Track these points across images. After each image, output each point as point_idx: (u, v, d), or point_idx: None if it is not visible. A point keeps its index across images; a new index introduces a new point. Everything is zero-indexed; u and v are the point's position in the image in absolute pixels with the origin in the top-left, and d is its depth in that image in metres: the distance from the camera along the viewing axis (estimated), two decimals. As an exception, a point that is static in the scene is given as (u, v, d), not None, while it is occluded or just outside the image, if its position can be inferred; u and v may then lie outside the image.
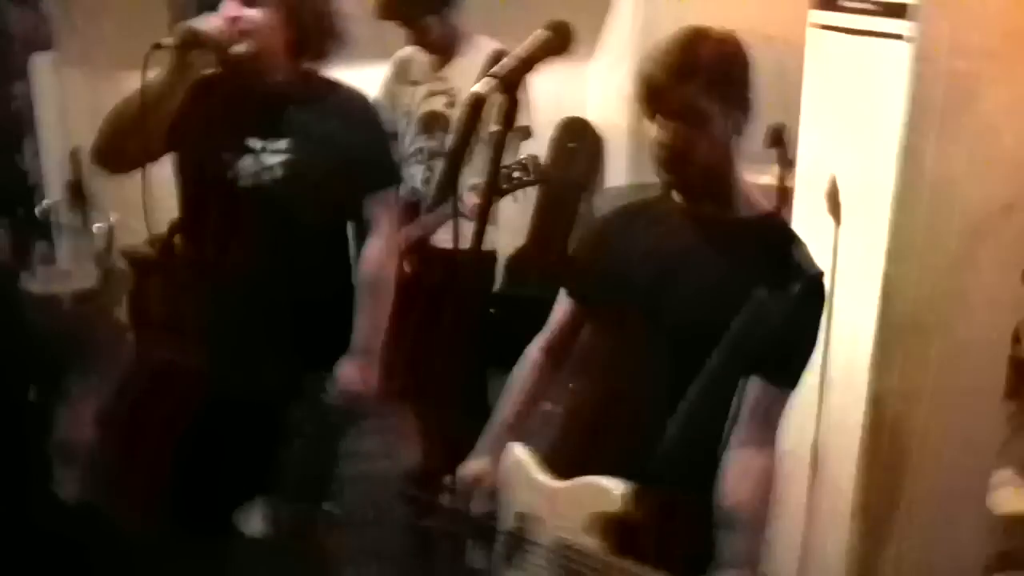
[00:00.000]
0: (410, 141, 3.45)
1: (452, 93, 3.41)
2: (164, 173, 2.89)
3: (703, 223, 1.93)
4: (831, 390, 2.65)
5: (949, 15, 2.26)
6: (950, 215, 2.42)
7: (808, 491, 2.75)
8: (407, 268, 3.32)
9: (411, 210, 3.39)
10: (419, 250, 3.34)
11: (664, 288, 1.92)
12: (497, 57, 3.35)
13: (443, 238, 3.36)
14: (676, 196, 1.97)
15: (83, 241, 0.97)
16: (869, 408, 2.53)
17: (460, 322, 2.18)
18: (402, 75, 3.51)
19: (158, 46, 2.21)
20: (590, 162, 4.92)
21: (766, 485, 1.83)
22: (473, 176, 3.31)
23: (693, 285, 1.90)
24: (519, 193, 3.15)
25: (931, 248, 2.44)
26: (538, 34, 1.61)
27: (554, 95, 4.60)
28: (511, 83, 1.53)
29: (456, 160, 3.37)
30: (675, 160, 1.85)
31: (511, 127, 1.56)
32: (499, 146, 1.60)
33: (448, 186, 3.37)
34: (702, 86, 1.80)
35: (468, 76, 3.31)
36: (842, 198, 2.58)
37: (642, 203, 2.10)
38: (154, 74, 2.29)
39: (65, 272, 0.93)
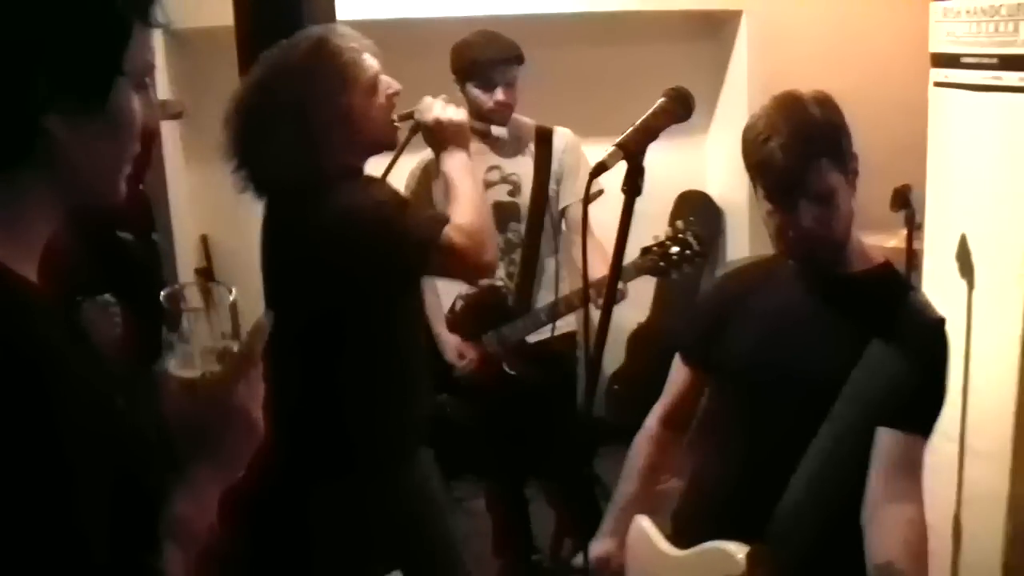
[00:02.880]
0: None
1: (513, 180, 3.30)
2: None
3: (818, 281, 1.92)
4: (972, 461, 2.52)
5: None
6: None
7: (950, 570, 2.60)
8: (509, 371, 3.23)
9: (499, 305, 3.29)
10: (518, 352, 3.24)
11: (782, 348, 1.90)
12: (541, 133, 3.32)
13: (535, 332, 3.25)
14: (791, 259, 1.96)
15: (212, 321, 1.00)
16: (1014, 479, 2.39)
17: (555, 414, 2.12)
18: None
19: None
20: (710, 236, 4.86)
21: (919, 537, 1.75)
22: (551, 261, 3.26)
23: (811, 342, 1.88)
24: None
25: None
26: (660, 102, 1.61)
27: (672, 168, 4.60)
28: (635, 152, 1.53)
29: (533, 251, 3.27)
30: (804, 240, 1.83)
31: (638, 193, 1.55)
32: (627, 215, 1.58)
33: (531, 278, 3.27)
34: (820, 159, 1.78)
35: (518, 158, 3.29)
36: (974, 259, 2.48)
37: (755, 264, 2.10)
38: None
39: (194, 355, 0.95)
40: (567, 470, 3.26)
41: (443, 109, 2.23)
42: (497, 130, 3.26)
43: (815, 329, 1.89)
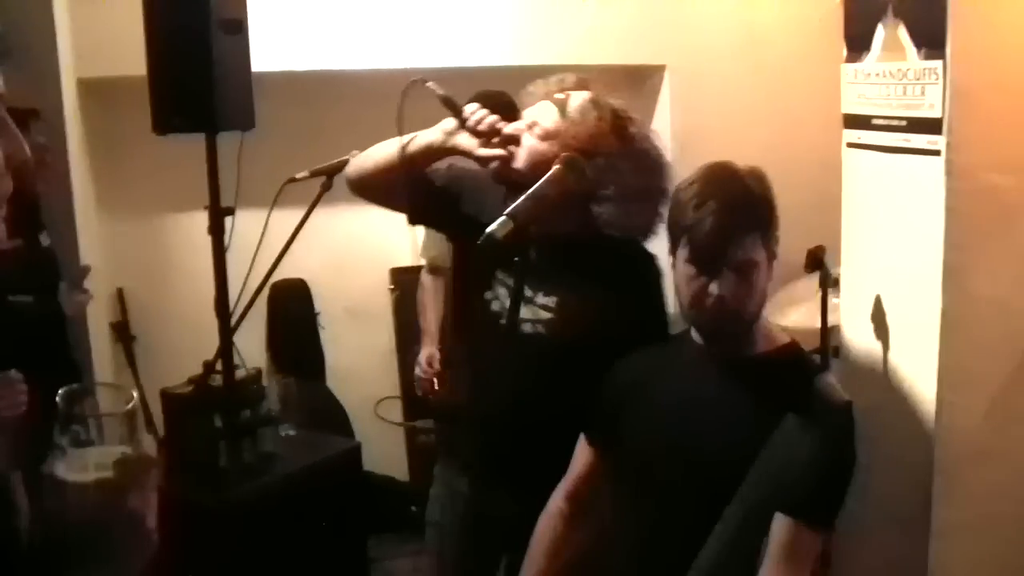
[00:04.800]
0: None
1: None
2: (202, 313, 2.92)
3: (723, 362, 1.92)
4: (891, 527, 2.50)
5: (981, 129, 2.19)
6: (1003, 335, 2.31)
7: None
8: None
9: None
10: None
11: (682, 431, 1.89)
12: None
13: None
14: (696, 336, 1.95)
15: (109, 426, 0.94)
16: (935, 543, 2.37)
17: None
18: None
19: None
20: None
21: None
22: None
23: (713, 426, 1.86)
24: None
25: (985, 371, 2.32)
26: (553, 170, 1.59)
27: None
28: (525, 221, 1.50)
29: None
30: (719, 310, 1.83)
31: (529, 266, 1.51)
32: (519, 288, 1.56)
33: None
34: (752, 233, 1.82)
35: None
36: (889, 320, 2.48)
37: (656, 346, 2.10)
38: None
39: (91, 457, 0.90)
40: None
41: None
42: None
43: (718, 412, 1.87)
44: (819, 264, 2.72)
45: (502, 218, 1.49)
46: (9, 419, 2.37)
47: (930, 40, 2.19)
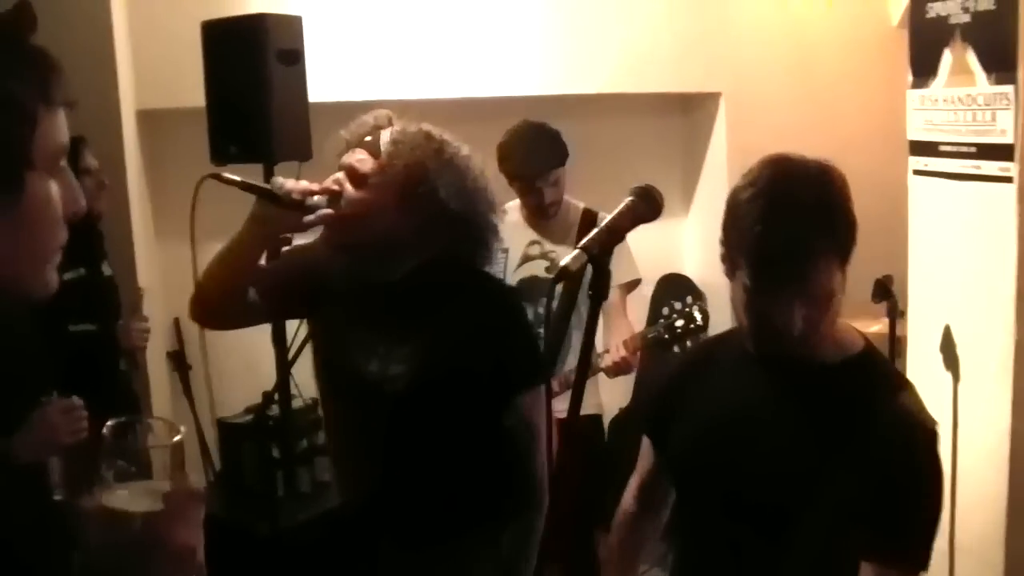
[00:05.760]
0: None
1: (552, 257, 3.33)
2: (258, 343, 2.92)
3: (784, 370, 1.64)
4: (962, 559, 2.43)
5: None
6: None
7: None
8: None
9: None
10: None
11: (724, 447, 1.67)
12: (586, 217, 3.34)
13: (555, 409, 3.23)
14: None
15: (159, 456, 0.92)
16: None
17: (573, 489, 1.98)
18: None
19: (216, 177, 2.05)
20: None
21: None
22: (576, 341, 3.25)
23: (762, 444, 1.63)
24: None
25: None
26: (626, 201, 1.54)
27: (651, 251, 4.55)
28: (599, 254, 1.45)
29: (562, 327, 3.26)
30: (783, 335, 1.57)
31: (604, 297, 1.48)
32: (593, 319, 1.51)
33: (556, 353, 3.24)
34: (824, 256, 1.53)
35: (562, 238, 3.30)
36: (959, 350, 2.42)
37: (718, 343, 1.85)
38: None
39: (138, 491, 0.88)
40: (574, 550, 3.32)
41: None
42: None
43: (769, 429, 1.63)
44: (888, 294, 2.66)
45: (576, 251, 1.44)
46: (70, 446, 2.39)
47: (1000, 64, 2.15)
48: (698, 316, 3.08)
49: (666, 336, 3.08)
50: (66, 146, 1.00)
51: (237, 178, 2.06)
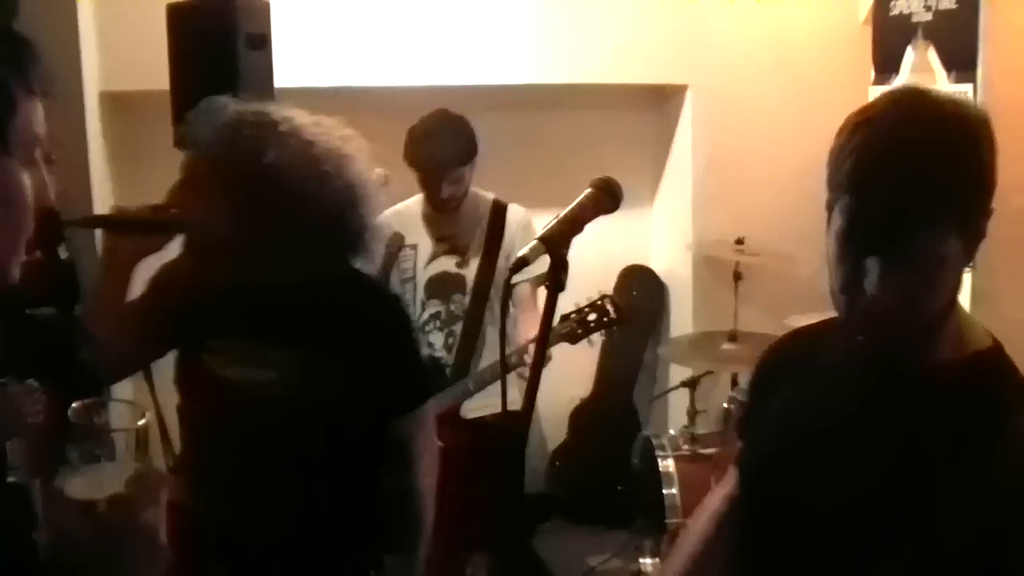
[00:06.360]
0: (421, 307, 3.31)
1: (462, 251, 3.29)
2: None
3: (883, 368, 1.38)
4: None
5: (1011, 152, 2.10)
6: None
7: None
8: (439, 442, 3.20)
9: (435, 376, 3.24)
10: (450, 422, 3.16)
11: (807, 454, 1.43)
12: (496, 208, 3.30)
13: (470, 407, 3.22)
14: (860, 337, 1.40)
15: (124, 439, 0.92)
16: None
17: (501, 489, 1.94)
18: (394, 238, 3.21)
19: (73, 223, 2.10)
20: (653, 311, 4.85)
21: None
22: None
23: (855, 454, 1.37)
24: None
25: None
26: (587, 193, 1.53)
27: (616, 242, 4.58)
28: (558, 245, 1.45)
29: (476, 324, 3.26)
30: (882, 315, 1.29)
31: (561, 289, 1.48)
32: (550, 309, 1.52)
33: (470, 351, 3.26)
34: (938, 219, 1.26)
35: (470, 230, 3.29)
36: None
37: (819, 334, 1.54)
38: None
39: (104, 473, 0.88)
40: (505, 544, 3.23)
41: None
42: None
43: (866, 436, 1.37)
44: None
45: (534, 242, 1.42)
46: (27, 428, 2.37)
47: (961, 63, 2.18)
48: (610, 308, 3.06)
49: (579, 331, 3.04)
50: (42, 136, 0.99)
51: (83, 217, 2.17)
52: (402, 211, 3.34)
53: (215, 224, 1.90)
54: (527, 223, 3.32)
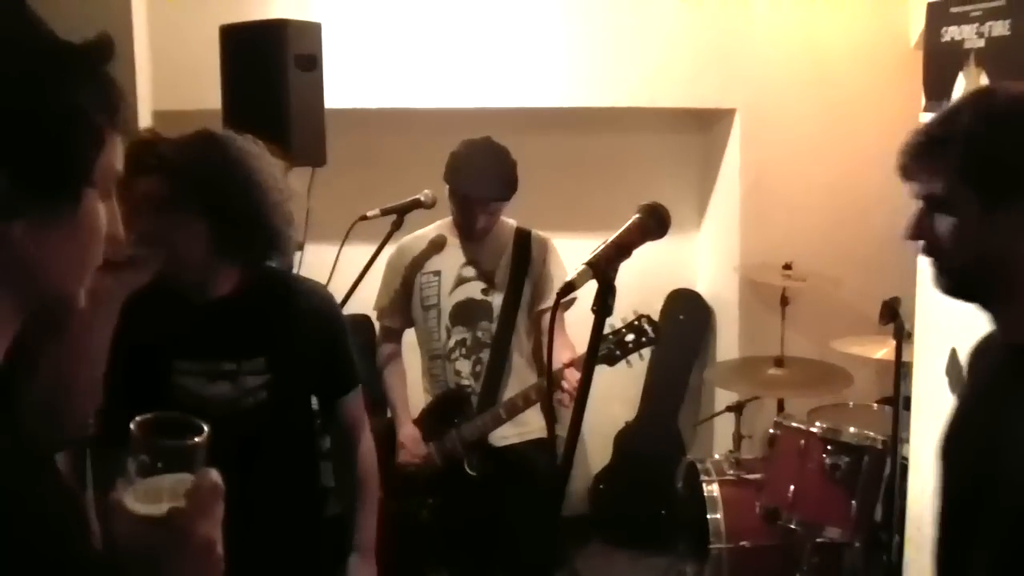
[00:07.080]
0: (446, 333, 3.28)
1: (488, 278, 3.26)
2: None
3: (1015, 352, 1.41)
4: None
5: None
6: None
7: None
8: (469, 471, 3.20)
9: (462, 405, 3.27)
10: (479, 450, 3.21)
11: (968, 450, 1.45)
12: (519, 236, 3.28)
13: (500, 435, 3.23)
14: (992, 322, 1.49)
15: (181, 454, 0.93)
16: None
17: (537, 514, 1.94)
18: (415, 263, 3.31)
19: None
20: (699, 335, 4.82)
21: None
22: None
23: (1007, 453, 1.36)
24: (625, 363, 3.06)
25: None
26: (634, 218, 1.54)
27: (663, 265, 4.57)
28: (605, 270, 1.45)
29: (503, 351, 3.25)
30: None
31: (608, 313, 1.48)
32: (596, 334, 1.52)
33: (498, 378, 3.24)
34: (938, 159, 1.40)
35: (495, 257, 3.27)
36: (964, 374, 2.41)
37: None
38: None
39: (161, 486, 0.89)
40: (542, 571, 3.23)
41: None
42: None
43: (1014, 432, 1.35)
44: (894, 315, 2.65)
45: (581, 266, 1.44)
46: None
47: (1014, 89, 2.14)
48: (648, 329, 3.04)
49: (617, 352, 3.02)
50: (120, 173, 1.03)
51: None
52: (423, 236, 3.33)
53: (188, 247, 2.02)
54: (551, 249, 3.31)
